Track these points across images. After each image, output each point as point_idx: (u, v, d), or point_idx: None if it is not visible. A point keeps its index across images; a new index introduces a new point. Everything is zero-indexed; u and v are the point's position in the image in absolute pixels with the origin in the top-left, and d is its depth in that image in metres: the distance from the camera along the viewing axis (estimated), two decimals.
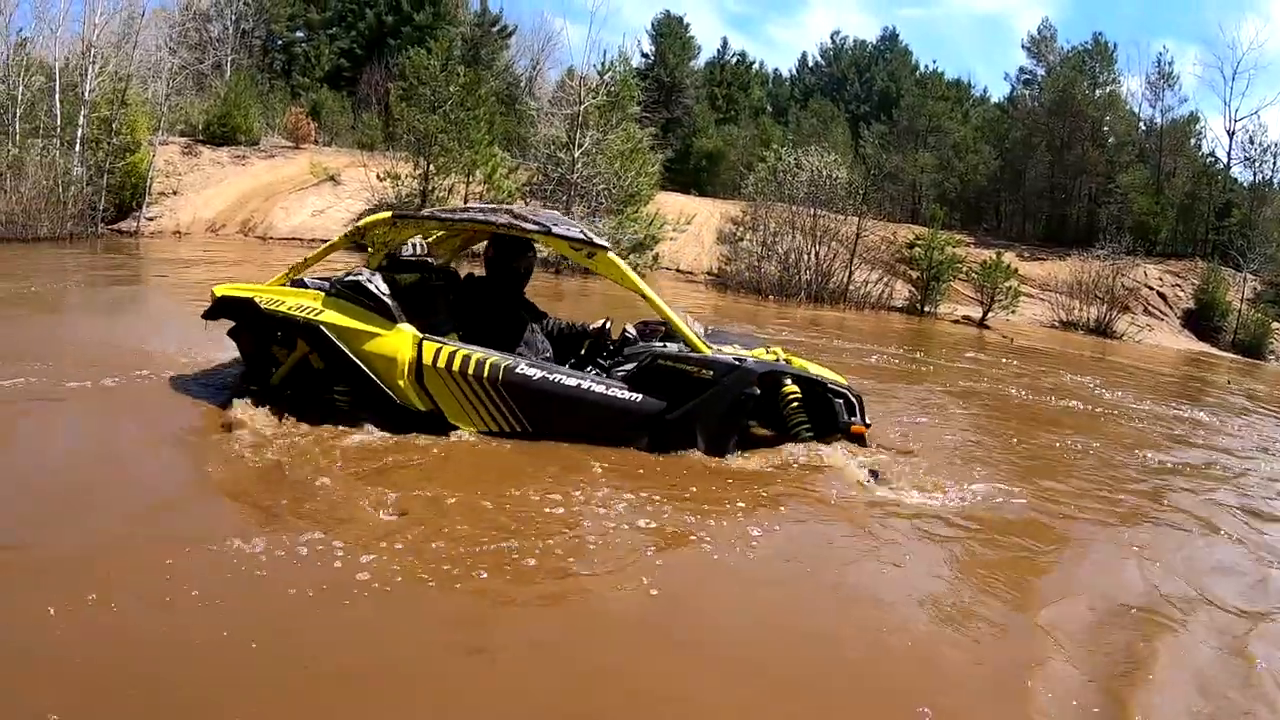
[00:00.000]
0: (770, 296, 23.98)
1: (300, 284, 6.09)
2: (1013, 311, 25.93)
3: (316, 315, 5.59)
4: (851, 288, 25.40)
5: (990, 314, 25.44)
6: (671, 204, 29.02)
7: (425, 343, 5.52)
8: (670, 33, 51.49)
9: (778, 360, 6.01)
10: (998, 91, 61.77)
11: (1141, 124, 42.97)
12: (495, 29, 48.98)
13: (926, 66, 54.23)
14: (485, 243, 6.65)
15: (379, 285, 5.70)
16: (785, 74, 61.25)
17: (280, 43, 49.02)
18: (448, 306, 6.32)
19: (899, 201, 39.29)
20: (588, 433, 5.62)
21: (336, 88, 45.51)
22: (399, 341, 5.49)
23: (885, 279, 26.11)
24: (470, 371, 5.45)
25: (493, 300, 6.23)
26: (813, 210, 26.19)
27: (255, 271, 10.26)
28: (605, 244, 5.98)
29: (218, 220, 30.16)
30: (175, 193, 32.31)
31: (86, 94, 29.80)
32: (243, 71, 42.49)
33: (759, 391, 5.72)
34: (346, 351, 5.49)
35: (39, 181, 28.04)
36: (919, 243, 26.43)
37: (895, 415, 8.00)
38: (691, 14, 59.73)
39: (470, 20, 48.61)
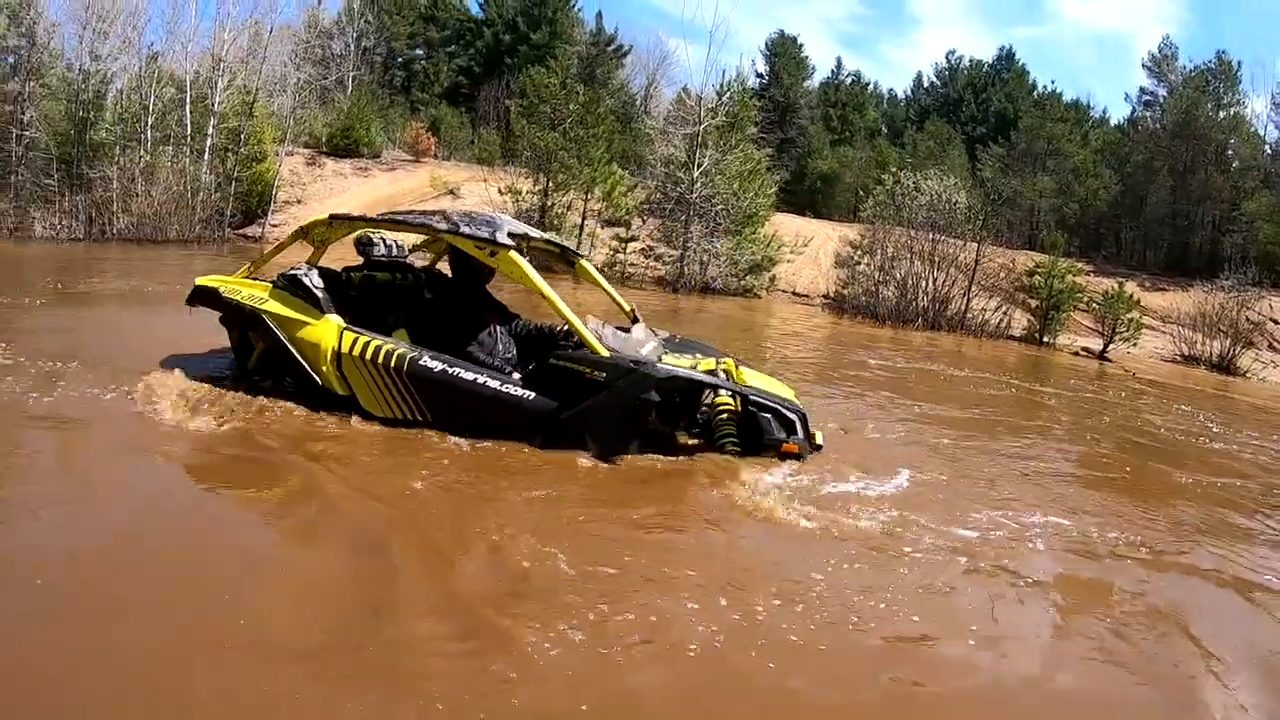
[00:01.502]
0: (887, 322, 23.57)
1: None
2: (1134, 344, 25.06)
3: (261, 304, 6.19)
4: (969, 315, 24.85)
5: (1110, 346, 24.65)
6: (788, 226, 28.80)
7: (346, 333, 5.94)
8: (785, 52, 51.34)
9: (714, 371, 6.07)
10: (1117, 113, 59.98)
11: (1268, 147, 40.87)
12: (610, 48, 49.45)
13: (1044, 87, 52.88)
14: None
15: (313, 280, 6.22)
16: (900, 94, 60.50)
17: (400, 60, 50.35)
18: (408, 303, 6.79)
19: (1017, 227, 38.13)
20: (483, 426, 5.71)
21: (455, 104, 46.50)
22: (325, 331, 5.96)
23: (1004, 307, 25.49)
24: (380, 361, 5.77)
25: (450, 298, 6.48)
26: (931, 235, 25.75)
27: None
28: (508, 243, 5.98)
29: None
30: (299, 201, 33.28)
31: (216, 106, 30.97)
32: (364, 87, 43.78)
33: (658, 398, 5.63)
34: (282, 338, 6.05)
35: (170, 187, 29.30)
36: (1039, 270, 25.72)
37: (992, 454, 7.73)
38: (805, 34, 59.46)
39: (586, 39, 49.16)
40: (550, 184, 26.62)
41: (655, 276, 25.29)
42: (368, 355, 5.81)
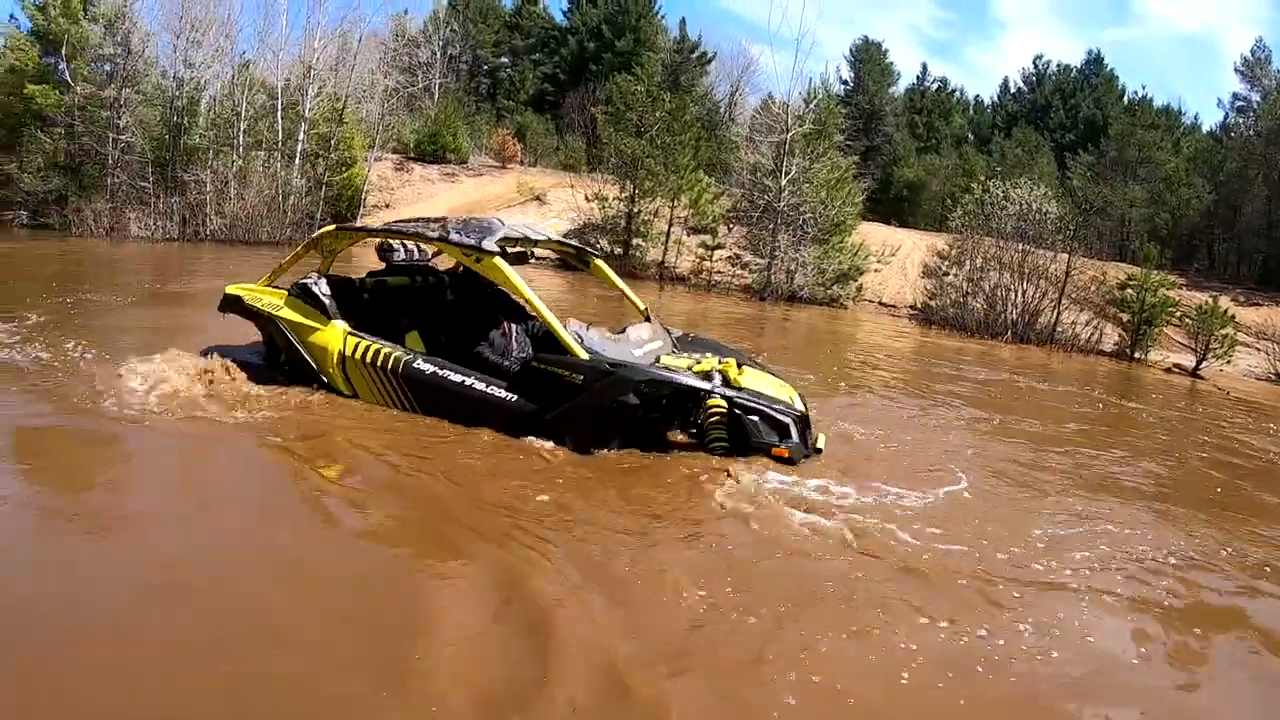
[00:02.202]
0: (976, 334, 23.19)
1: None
2: (1227, 361, 24.27)
3: (277, 311, 6.76)
4: (1059, 329, 24.35)
5: (1203, 363, 23.92)
6: (874, 235, 28.52)
7: (350, 337, 6.45)
8: (869, 59, 50.79)
9: (709, 373, 6.09)
10: (1209, 119, 58.11)
11: None
12: (694, 55, 49.51)
13: (1134, 92, 51.35)
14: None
15: (322, 288, 6.71)
16: (986, 100, 58.67)
17: (486, 67, 51.02)
18: (424, 305, 7.26)
19: (1107, 237, 37.19)
20: (471, 422, 6.04)
21: (540, 111, 47.04)
22: (331, 335, 6.49)
23: (1094, 321, 24.92)
24: (378, 363, 6.27)
25: (462, 299, 6.86)
26: (1020, 246, 25.30)
27: None
28: (493, 249, 6.17)
29: None
30: (388, 205, 33.94)
31: (306, 112, 31.74)
32: (450, 94, 44.49)
33: (636, 400, 5.68)
34: (294, 342, 6.62)
35: (262, 190, 30.19)
36: (1131, 283, 25.07)
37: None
38: (888, 39, 58.98)
39: (670, 47, 49.28)
40: (637, 191, 26.78)
41: (742, 284, 25.26)
42: (368, 358, 6.31)
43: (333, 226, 7.28)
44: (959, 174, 39.64)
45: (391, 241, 7.46)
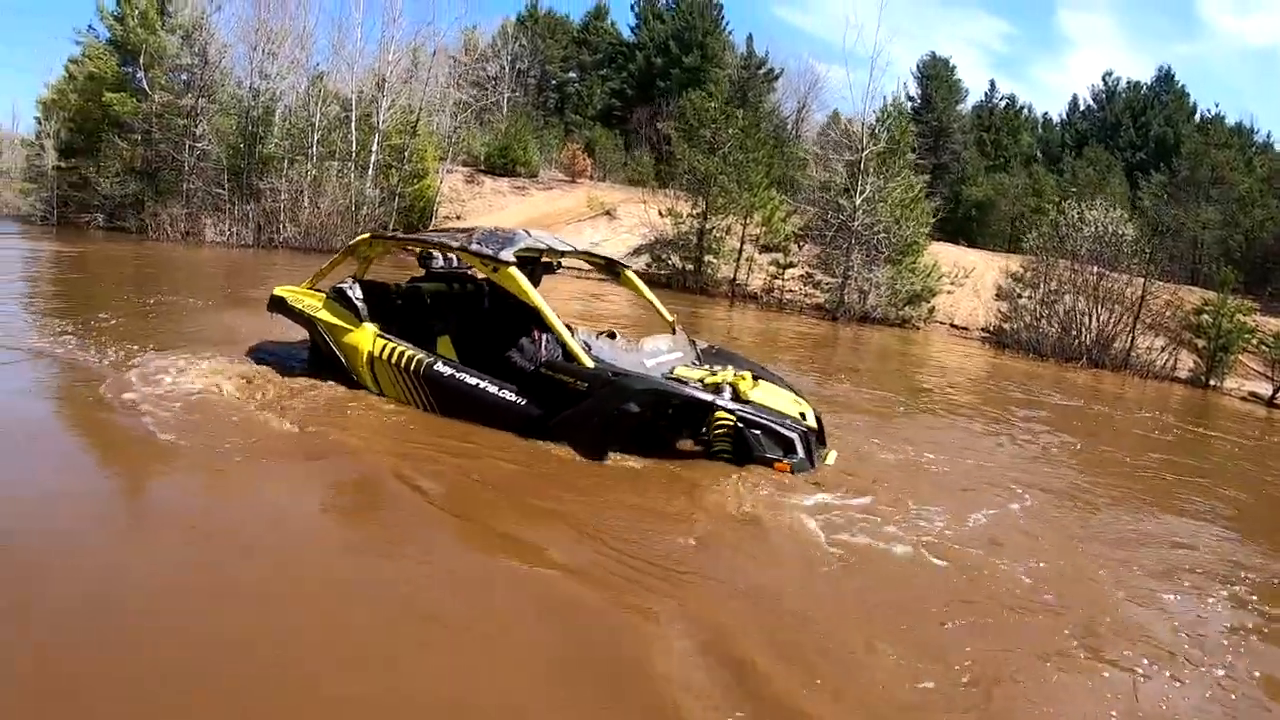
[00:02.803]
0: (1050, 358, 22.91)
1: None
2: None
3: (316, 312, 7.23)
4: (1133, 355, 23.97)
5: None
6: (945, 255, 28.12)
7: (378, 339, 6.82)
8: (937, 75, 50.30)
9: (719, 385, 6.20)
10: None
11: None
12: (761, 71, 49.65)
13: (1206, 110, 50.27)
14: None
15: (356, 292, 7.14)
16: (1055, 118, 57.79)
17: (554, 82, 51.53)
18: (458, 311, 7.55)
19: (1179, 259, 36.49)
20: (483, 422, 6.31)
21: (608, 125, 47.40)
22: (361, 337, 6.88)
23: (1169, 347, 24.51)
24: (402, 364, 6.63)
25: (497, 307, 7.14)
26: (1095, 269, 24.99)
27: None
28: (508, 259, 6.49)
29: None
30: (459, 217, 34.42)
31: (379, 124, 32.34)
32: (519, 108, 45.04)
33: (636, 408, 5.84)
34: (328, 341, 7.09)
35: (336, 200, 30.80)
36: (1207, 308, 24.61)
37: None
38: (953, 56, 58.48)
39: (737, 63, 49.45)
40: (709, 208, 26.91)
41: (813, 304, 25.23)
42: (393, 359, 6.68)
43: (368, 235, 7.88)
44: (1029, 193, 39.26)
45: (437, 252, 7.82)
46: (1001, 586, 4.61)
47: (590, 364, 6.09)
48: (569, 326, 6.61)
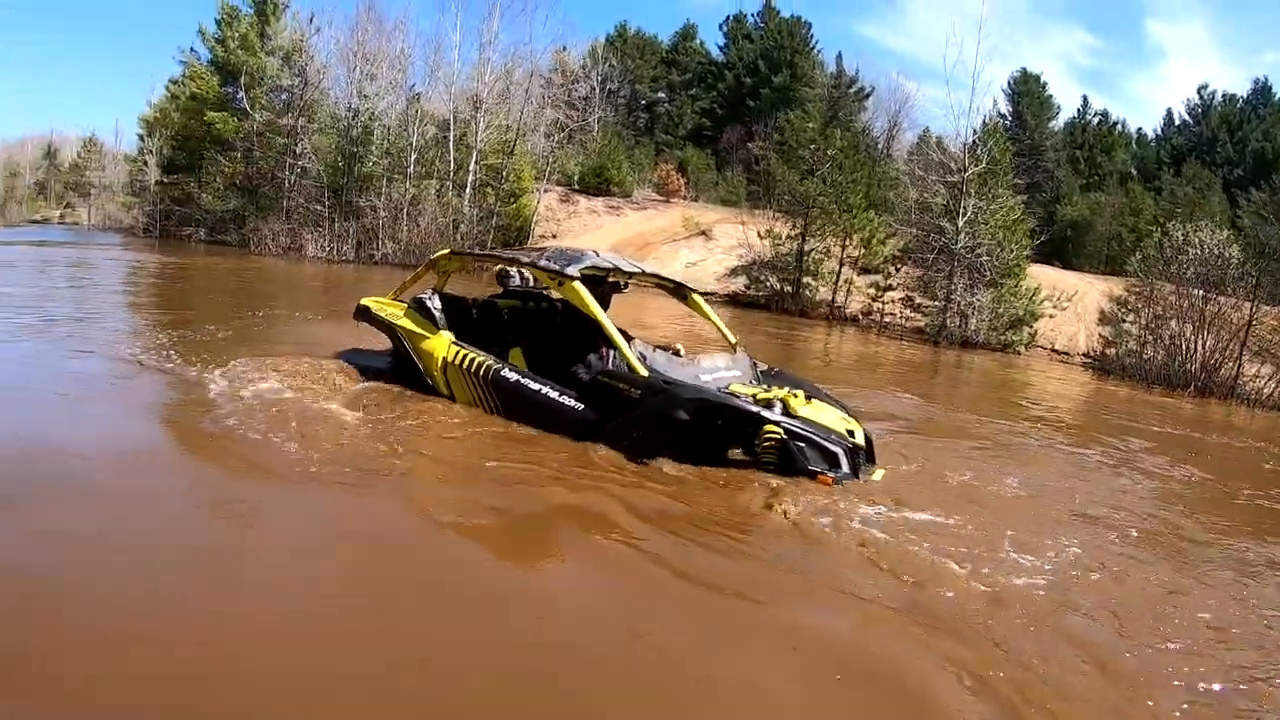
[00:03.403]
0: (1155, 386, 22.33)
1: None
2: None
3: (397, 320, 7.79)
4: (1240, 382, 23.22)
5: None
6: (1043, 277, 27.30)
7: (452, 346, 7.30)
8: (1028, 92, 49.71)
9: (770, 400, 6.37)
10: None
11: None
12: (852, 90, 49.57)
13: None
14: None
15: (434, 303, 7.70)
16: (1149, 134, 56.47)
17: (644, 102, 52.00)
18: (530, 325, 7.99)
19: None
20: (544, 426, 6.70)
21: (698, 145, 47.71)
22: (437, 344, 7.37)
23: (1277, 374, 23.75)
24: (472, 370, 7.09)
25: (570, 324, 7.44)
26: (1201, 292, 24.36)
27: (628, 311, 11.37)
28: (573, 274, 6.92)
29: None
30: (554, 236, 34.90)
31: (477, 144, 33.00)
32: (610, 128, 45.54)
33: (685, 416, 6.09)
34: (408, 347, 7.64)
35: (435, 218, 31.45)
36: None
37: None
38: (1043, 71, 57.53)
39: (826, 82, 49.44)
40: (808, 229, 26.97)
41: (913, 327, 25.05)
42: (465, 364, 7.15)
43: (447, 250, 8.49)
44: (1125, 213, 38.55)
45: (509, 269, 8.37)
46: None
47: (645, 373, 6.41)
48: (628, 338, 6.92)
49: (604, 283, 7.72)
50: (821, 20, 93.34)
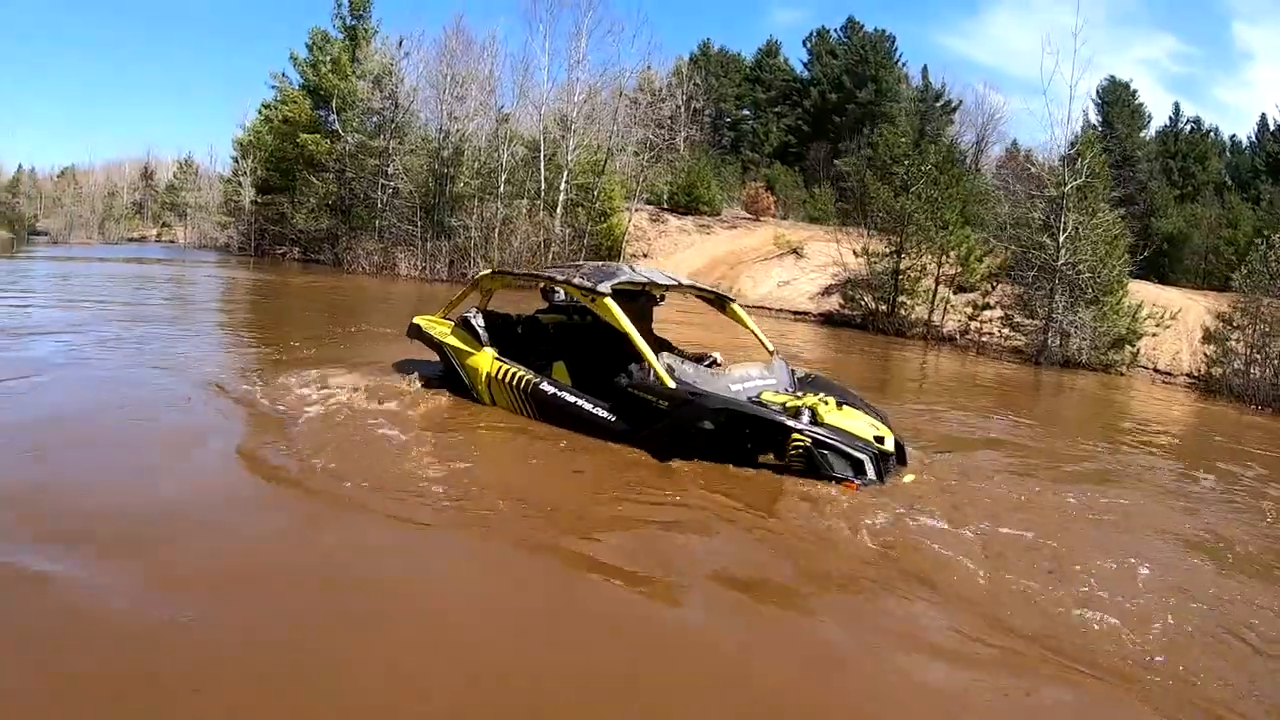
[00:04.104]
0: (1268, 408, 21.62)
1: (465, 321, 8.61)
2: None
3: (444, 337, 8.46)
4: None
5: None
6: (1143, 294, 26.94)
7: (495, 361, 7.87)
8: (1117, 100, 48.66)
9: (799, 409, 6.60)
10: None
11: None
12: (939, 104, 49.25)
13: None
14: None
15: (478, 321, 8.35)
16: (1243, 141, 54.21)
17: (729, 120, 52.27)
18: (572, 340, 8.50)
19: None
20: (578, 432, 7.13)
21: (785, 162, 47.79)
22: (482, 360, 7.95)
23: None
24: (513, 383, 7.62)
25: (613, 338, 7.57)
26: None
27: (716, 334, 11.36)
28: (605, 290, 7.35)
29: None
30: (645, 255, 35.29)
31: (568, 164, 33.50)
32: (698, 146, 45.83)
33: (711, 425, 6.44)
34: (455, 363, 8.27)
35: (528, 237, 31.98)
36: None
37: None
38: (1132, 79, 55.96)
39: (913, 96, 49.20)
40: (902, 247, 26.89)
41: (1012, 346, 24.69)
42: (507, 379, 7.68)
43: (489, 271, 9.28)
44: (1223, 225, 37.72)
45: (555, 286, 8.62)
46: None
47: (672, 384, 6.74)
48: (664, 349, 7.59)
49: (641, 296, 8.34)
50: (902, 33, 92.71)
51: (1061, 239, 24.31)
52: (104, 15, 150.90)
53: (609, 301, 7.28)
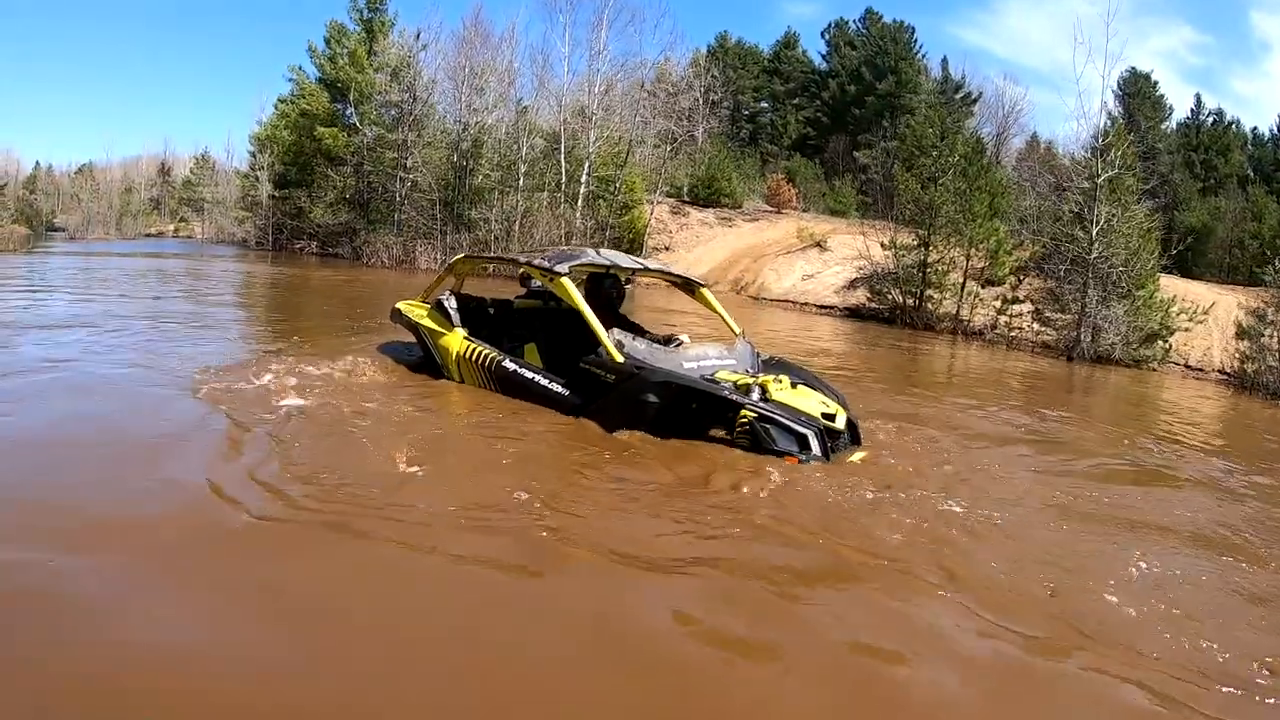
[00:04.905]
0: None
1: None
2: None
3: (421, 320, 8.77)
4: None
5: None
6: (1174, 289, 26.10)
7: (465, 341, 8.18)
8: (1139, 92, 48.31)
9: (749, 386, 6.78)
10: None
11: None
12: (959, 95, 48.95)
13: None
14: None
15: (451, 304, 8.63)
16: (1264, 132, 53.13)
17: (747, 112, 52.02)
18: (544, 323, 8.62)
19: None
20: (537, 403, 7.46)
21: (804, 155, 47.53)
22: (453, 340, 8.27)
23: None
24: (480, 362, 7.96)
25: (577, 320, 7.70)
26: None
27: (744, 328, 11.41)
28: (562, 270, 7.62)
29: (710, 276, 32.13)
30: (668, 248, 35.12)
31: (589, 155, 33.36)
32: (717, 139, 45.61)
33: (655, 399, 6.65)
34: (429, 343, 8.63)
35: (550, 230, 31.83)
36: None
37: None
38: (1152, 70, 55.40)
39: (932, 88, 48.92)
40: (932, 240, 26.65)
41: (1042, 341, 24.41)
42: (474, 357, 8.03)
43: (463, 255, 9.83)
44: (1248, 218, 37.48)
45: (519, 268, 9.01)
46: None
47: (620, 359, 6.96)
48: (620, 327, 7.73)
49: (607, 280, 8.45)
50: (919, 25, 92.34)
51: (1094, 232, 24.05)
52: (119, 11, 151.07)
53: (565, 281, 7.60)
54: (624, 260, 8.77)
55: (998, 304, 26.04)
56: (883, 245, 27.58)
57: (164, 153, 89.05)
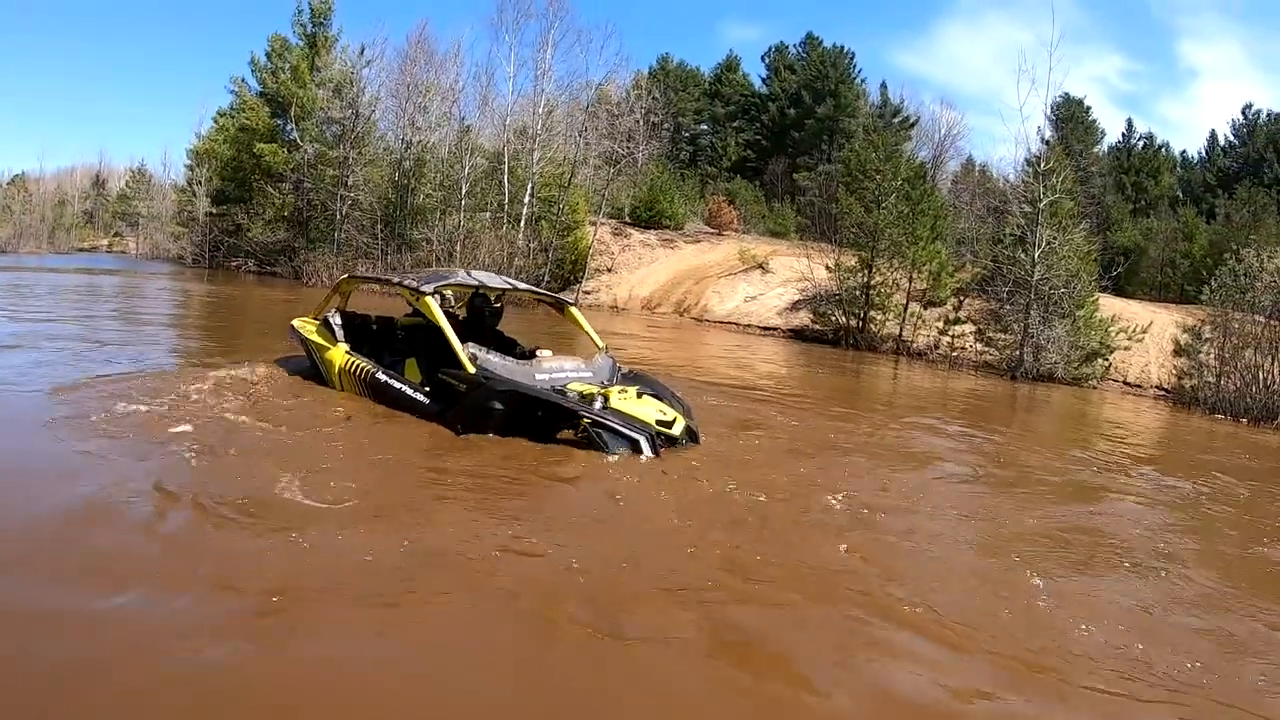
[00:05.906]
0: (1242, 419, 21.69)
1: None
2: None
3: (310, 335, 9.31)
4: None
5: None
6: (1112, 309, 26.67)
7: (345, 355, 8.76)
8: (1072, 117, 49.36)
9: (593, 396, 7.56)
10: None
11: None
12: (897, 119, 49.49)
13: None
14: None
15: (335, 320, 9.25)
16: (1193, 155, 55.86)
17: (687, 134, 52.08)
18: (423, 339, 9.07)
19: None
20: (405, 411, 8.01)
21: (744, 177, 47.69)
22: (336, 355, 8.85)
23: None
24: (356, 374, 8.56)
25: (461, 333, 8.39)
26: (1270, 320, 23.83)
27: (686, 350, 10.87)
28: (426, 290, 8.29)
29: (654, 298, 31.97)
30: (610, 270, 34.88)
31: (534, 176, 33.12)
32: (659, 160, 45.55)
33: (500, 406, 7.37)
34: (316, 357, 9.18)
35: (492, 250, 31.41)
36: None
37: None
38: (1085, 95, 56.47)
39: (871, 112, 49.41)
40: (875, 262, 26.66)
41: (984, 361, 24.56)
42: (352, 370, 8.62)
43: (346, 275, 10.33)
44: (1178, 238, 38.23)
45: (393, 287, 9.47)
46: None
47: (472, 370, 7.62)
48: (475, 341, 8.27)
49: (476, 298, 9.23)
50: (859, 50, 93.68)
51: (1036, 254, 24.33)
52: (57, 16, 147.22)
53: (429, 300, 8.23)
54: (493, 280, 9.37)
55: (940, 325, 26.18)
56: (827, 268, 27.52)
57: (99, 164, 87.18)
